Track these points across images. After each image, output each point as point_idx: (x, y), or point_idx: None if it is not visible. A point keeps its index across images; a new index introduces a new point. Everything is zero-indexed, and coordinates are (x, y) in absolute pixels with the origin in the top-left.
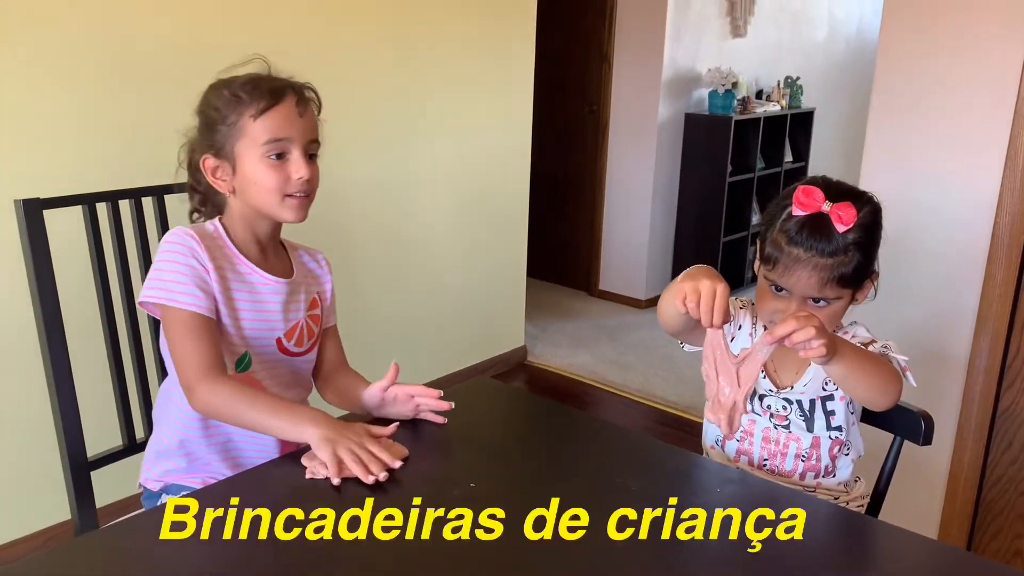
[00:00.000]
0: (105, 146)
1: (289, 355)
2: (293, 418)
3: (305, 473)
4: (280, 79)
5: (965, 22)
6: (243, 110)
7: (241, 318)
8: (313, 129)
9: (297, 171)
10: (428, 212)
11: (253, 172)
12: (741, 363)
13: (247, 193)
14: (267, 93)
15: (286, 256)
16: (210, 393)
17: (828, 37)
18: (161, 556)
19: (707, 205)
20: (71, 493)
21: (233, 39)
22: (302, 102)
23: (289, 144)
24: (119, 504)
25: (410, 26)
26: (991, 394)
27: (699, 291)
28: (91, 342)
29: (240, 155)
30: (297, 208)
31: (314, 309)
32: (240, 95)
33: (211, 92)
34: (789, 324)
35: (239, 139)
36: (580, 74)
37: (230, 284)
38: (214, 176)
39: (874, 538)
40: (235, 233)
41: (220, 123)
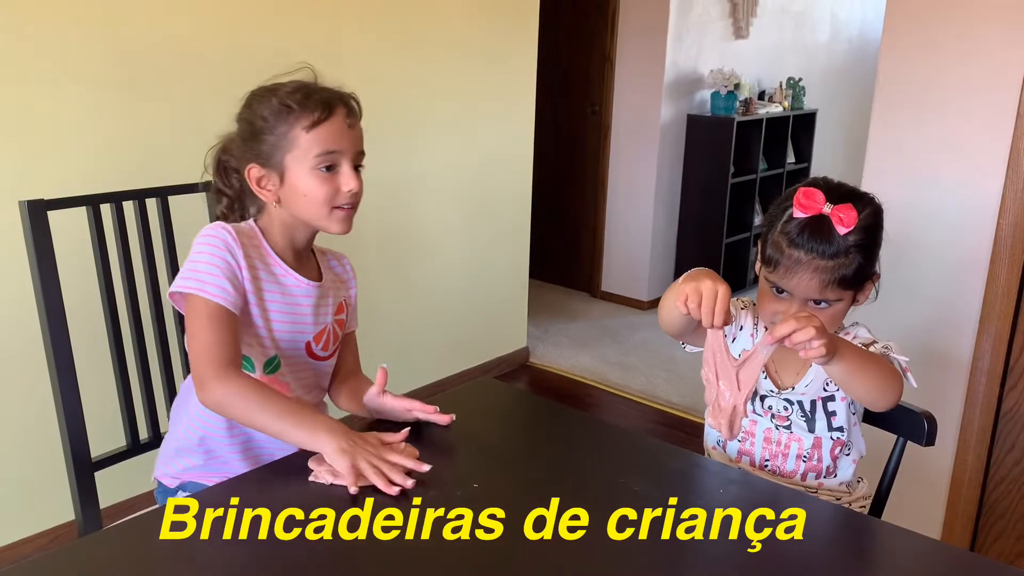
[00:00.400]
0: (110, 147)
1: (315, 359)
2: (306, 425)
3: (309, 476)
4: (329, 90)
5: (967, 24)
6: (294, 121)
7: (272, 320)
8: (361, 141)
9: (347, 184)
10: (431, 214)
11: (303, 184)
12: (741, 366)
13: (294, 204)
14: (319, 105)
15: (315, 261)
16: (222, 389)
17: (830, 38)
18: (162, 557)
19: (709, 206)
20: (75, 493)
21: (239, 42)
22: (352, 114)
23: (340, 156)
24: (123, 504)
25: (413, 29)
26: (994, 395)
27: (700, 292)
28: (95, 342)
29: (289, 166)
30: (344, 220)
31: (340, 314)
32: (290, 105)
33: (257, 100)
34: (789, 324)
35: (289, 150)
36: (582, 76)
37: (262, 284)
38: (259, 185)
39: (877, 538)
40: (272, 237)
41: (267, 132)
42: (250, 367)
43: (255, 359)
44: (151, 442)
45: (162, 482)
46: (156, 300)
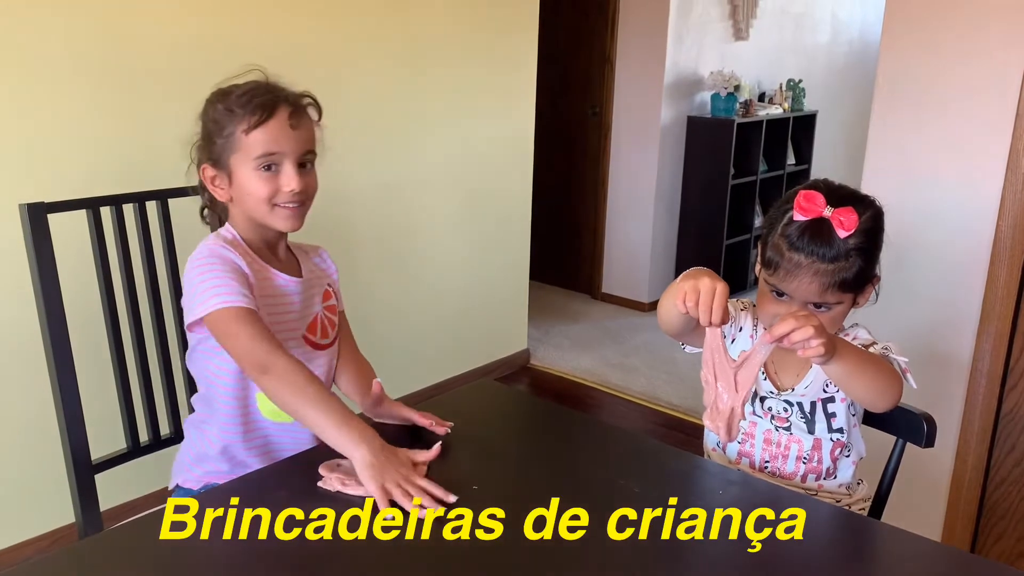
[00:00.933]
0: (109, 149)
1: (318, 348)
2: (343, 429)
3: (319, 482)
4: (275, 91)
5: (966, 25)
6: (237, 124)
7: (270, 320)
8: (307, 141)
9: (288, 183)
10: (431, 215)
11: (246, 183)
12: (739, 367)
13: (243, 203)
14: (259, 107)
15: (293, 256)
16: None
17: (831, 39)
18: (163, 559)
19: (709, 208)
20: (75, 496)
21: (239, 42)
22: (296, 114)
23: (280, 157)
24: (124, 507)
25: (414, 29)
26: (994, 396)
27: (698, 290)
28: (95, 345)
29: (235, 167)
30: (289, 217)
31: (328, 300)
32: (234, 109)
33: (209, 103)
34: (788, 323)
35: (234, 152)
36: (583, 77)
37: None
38: (213, 184)
39: (876, 540)
40: (245, 236)
41: (217, 135)
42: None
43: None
44: (151, 444)
45: (183, 486)
46: (156, 303)
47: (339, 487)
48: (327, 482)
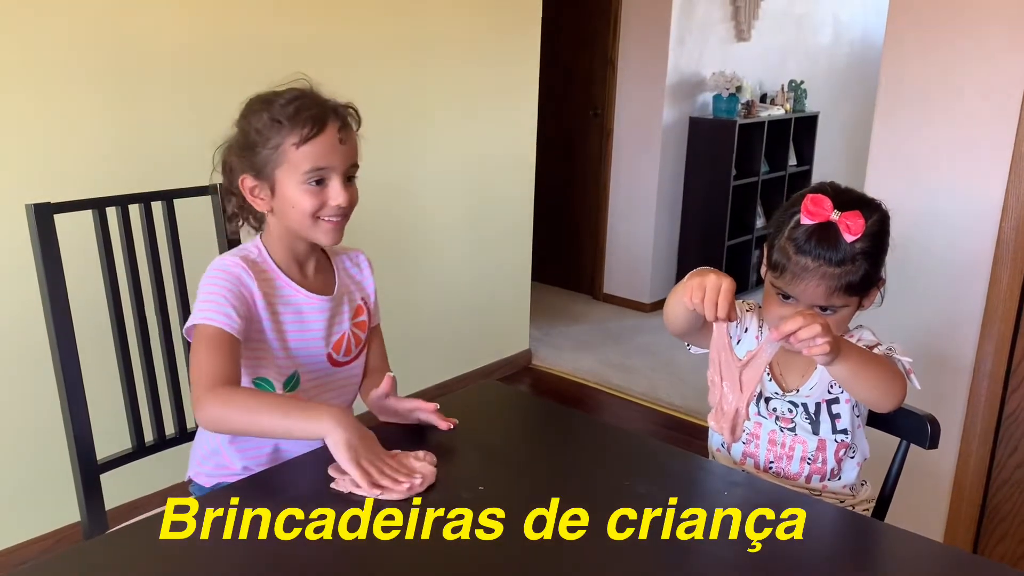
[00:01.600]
0: (116, 150)
1: (339, 366)
2: (308, 414)
3: (331, 484)
4: (322, 103)
5: (970, 28)
6: (285, 136)
7: (289, 339)
8: (354, 154)
9: (335, 198)
10: (434, 215)
11: (292, 196)
12: (745, 366)
13: (284, 215)
14: (309, 120)
15: (329, 267)
16: (217, 401)
17: (833, 41)
18: (168, 559)
19: (711, 209)
20: (80, 495)
21: (244, 43)
22: (344, 128)
23: (329, 172)
24: (129, 506)
25: (417, 31)
26: (996, 398)
27: (705, 286)
28: (101, 345)
29: (280, 179)
30: (332, 231)
31: (359, 316)
32: (281, 120)
33: (252, 112)
34: (796, 321)
35: (280, 164)
36: (585, 78)
37: (277, 308)
38: (252, 195)
39: (880, 541)
40: (276, 252)
41: (261, 146)
42: (269, 387)
43: (274, 380)
44: (156, 444)
45: (196, 481)
46: (161, 303)
47: (352, 488)
48: (340, 484)
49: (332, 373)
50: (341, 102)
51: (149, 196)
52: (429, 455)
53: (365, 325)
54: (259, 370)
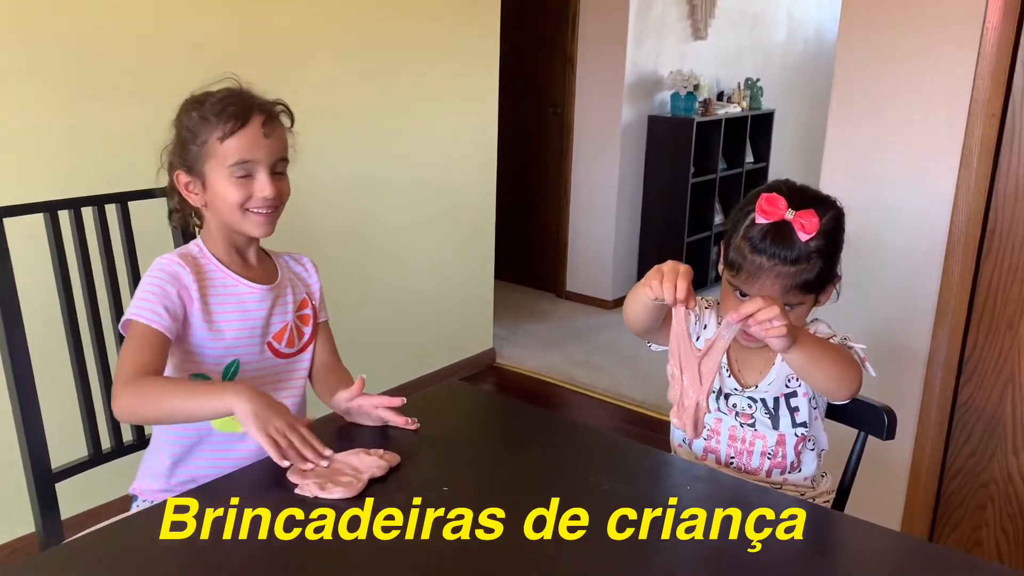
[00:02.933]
0: (67, 153)
1: (282, 357)
2: (214, 392)
3: (295, 490)
4: (249, 99)
5: (920, 26)
6: (211, 132)
7: (227, 328)
8: (280, 148)
9: (261, 190)
10: (395, 214)
11: (220, 189)
12: (704, 355)
13: (216, 208)
14: (233, 115)
15: (270, 260)
16: (125, 392)
17: (787, 39)
18: (130, 566)
19: (671, 206)
20: (35, 505)
21: (201, 44)
22: (269, 122)
23: (254, 165)
24: (85, 515)
25: (376, 29)
26: (950, 388)
27: (663, 271)
28: (55, 351)
29: (209, 174)
30: (262, 223)
31: (303, 309)
32: (208, 117)
33: (184, 111)
34: (755, 303)
35: (208, 159)
36: (544, 76)
37: (215, 300)
38: (187, 190)
39: (839, 532)
40: (216, 248)
41: (191, 142)
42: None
43: (211, 373)
44: (114, 451)
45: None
46: (117, 308)
47: (317, 492)
48: (304, 488)
49: (275, 365)
50: (269, 99)
51: (103, 199)
52: (389, 454)
53: (309, 319)
54: (196, 366)
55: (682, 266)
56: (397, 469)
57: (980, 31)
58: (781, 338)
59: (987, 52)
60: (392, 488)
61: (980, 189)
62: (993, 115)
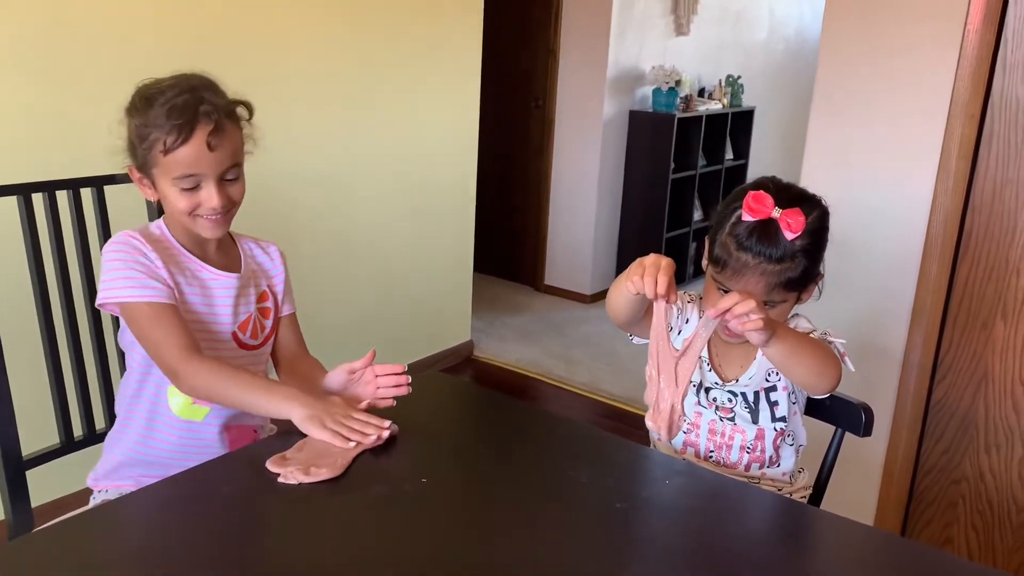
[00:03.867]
0: (41, 135)
1: (247, 348)
2: (273, 395)
3: (279, 479)
4: (194, 107)
5: (902, 29)
6: (155, 140)
7: (195, 312)
8: (229, 156)
9: (208, 200)
10: (374, 205)
11: (168, 195)
12: (682, 355)
13: (167, 208)
14: (175, 129)
15: (234, 247)
16: (195, 374)
17: (768, 37)
18: (98, 558)
19: (651, 201)
20: (5, 493)
21: (176, 30)
22: (215, 132)
23: (200, 177)
24: (55, 503)
25: (357, 18)
26: (924, 387)
27: (644, 265)
28: (27, 336)
29: (156, 178)
30: (212, 226)
31: (264, 302)
32: (153, 123)
33: (133, 108)
34: (731, 298)
35: (154, 166)
36: (526, 69)
37: (180, 283)
38: (140, 184)
39: (816, 527)
40: (177, 232)
41: (138, 144)
42: None
43: None
44: (85, 439)
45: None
46: (91, 293)
47: (302, 478)
48: (287, 476)
49: (239, 356)
50: (222, 101)
51: (78, 182)
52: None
53: (269, 312)
54: None
55: (664, 260)
56: (375, 456)
57: (961, 32)
58: (759, 331)
59: (968, 54)
60: (370, 478)
61: (958, 190)
62: (972, 116)
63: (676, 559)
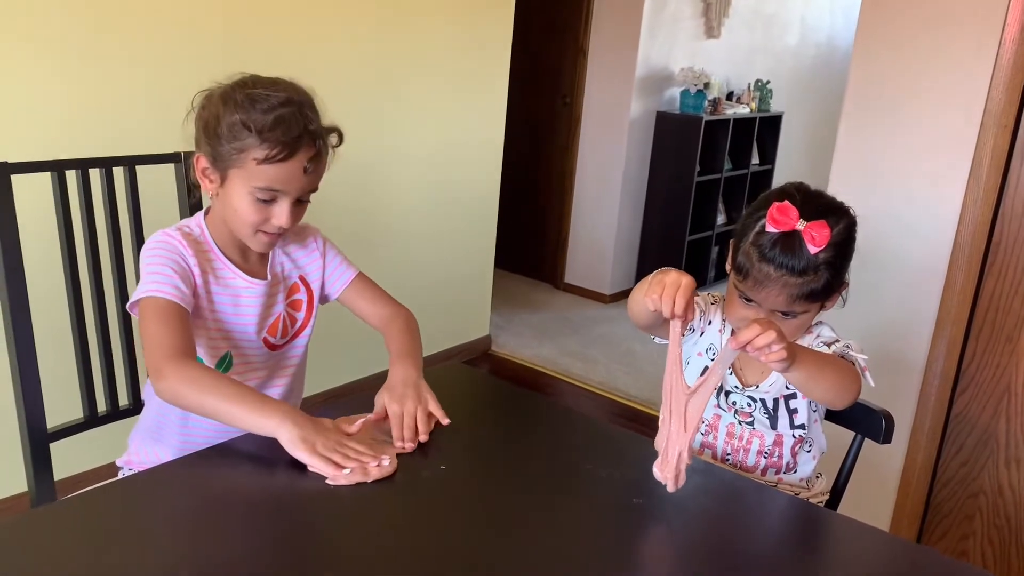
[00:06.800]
0: (77, 113)
1: (275, 348)
2: (262, 411)
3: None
4: (302, 125)
5: (936, 36)
6: (251, 146)
7: (224, 320)
8: (314, 182)
9: (279, 219)
10: (399, 198)
11: (237, 201)
12: (693, 394)
13: (225, 209)
14: (280, 143)
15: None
16: (177, 376)
17: (799, 42)
18: (117, 531)
19: (674, 204)
20: (29, 465)
21: (214, 19)
22: (315, 158)
23: (281, 195)
24: (78, 477)
25: (390, 14)
26: (945, 398)
27: (664, 284)
28: (55, 312)
29: (231, 179)
30: (266, 244)
31: (294, 295)
32: (252, 129)
33: (227, 99)
34: (752, 330)
35: (236, 167)
36: (556, 66)
37: (211, 287)
38: (202, 175)
39: (834, 531)
40: (217, 232)
41: (224, 139)
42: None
43: (206, 359)
44: (109, 414)
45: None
46: (120, 272)
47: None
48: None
49: (267, 356)
50: (325, 125)
51: (111, 161)
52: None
53: (301, 304)
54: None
55: (685, 279)
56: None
57: (998, 41)
58: (780, 361)
59: (1004, 63)
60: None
61: (988, 201)
62: (1006, 127)
63: (692, 556)
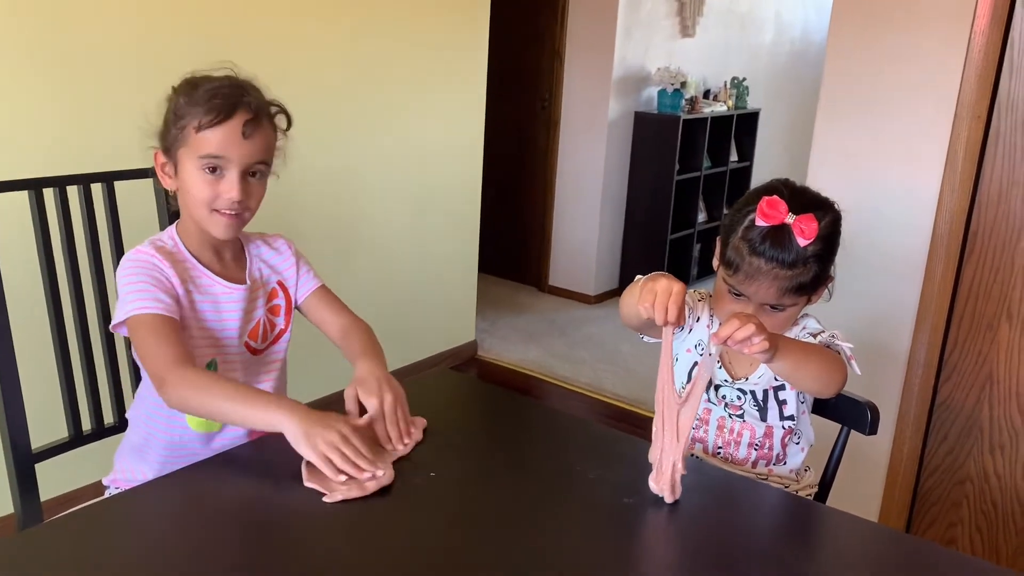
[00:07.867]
0: (55, 131)
1: (256, 353)
2: (267, 406)
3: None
4: (239, 94)
5: (909, 30)
6: (191, 118)
7: (207, 327)
8: (259, 151)
9: (228, 191)
10: (380, 205)
11: (189, 180)
12: (684, 403)
13: (184, 198)
14: (215, 108)
15: (243, 255)
16: (181, 382)
17: (774, 39)
18: (107, 552)
19: (655, 203)
20: (14, 486)
21: (185, 30)
22: (253, 123)
23: (226, 163)
24: (64, 497)
25: (364, 17)
26: (929, 387)
27: (655, 291)
28: (37, 331)
29: (181, 160)
30: (225, 226)
31: (274, 300)
32: (194, 102)
33: (176, 91)
34: (731, 325)
35: (183, 145)
36: (533, 69)
37: (194, 297)
38: (162, 171)
39: (824, 523)
40: (190, 241)
41: (173, 124)
42: None
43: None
44: (94, 432)
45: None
46: (101, 288)
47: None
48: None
49: (249, 360)
50: (266, 98)
51: (88, 178)
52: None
53: (280, 309)
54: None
55: (676, 286)
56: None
57: (968, 33)
58: (763, 352)
59: (974, 56)
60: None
61: (964, 191)
62: (979, 117)
63: (684, 554)
